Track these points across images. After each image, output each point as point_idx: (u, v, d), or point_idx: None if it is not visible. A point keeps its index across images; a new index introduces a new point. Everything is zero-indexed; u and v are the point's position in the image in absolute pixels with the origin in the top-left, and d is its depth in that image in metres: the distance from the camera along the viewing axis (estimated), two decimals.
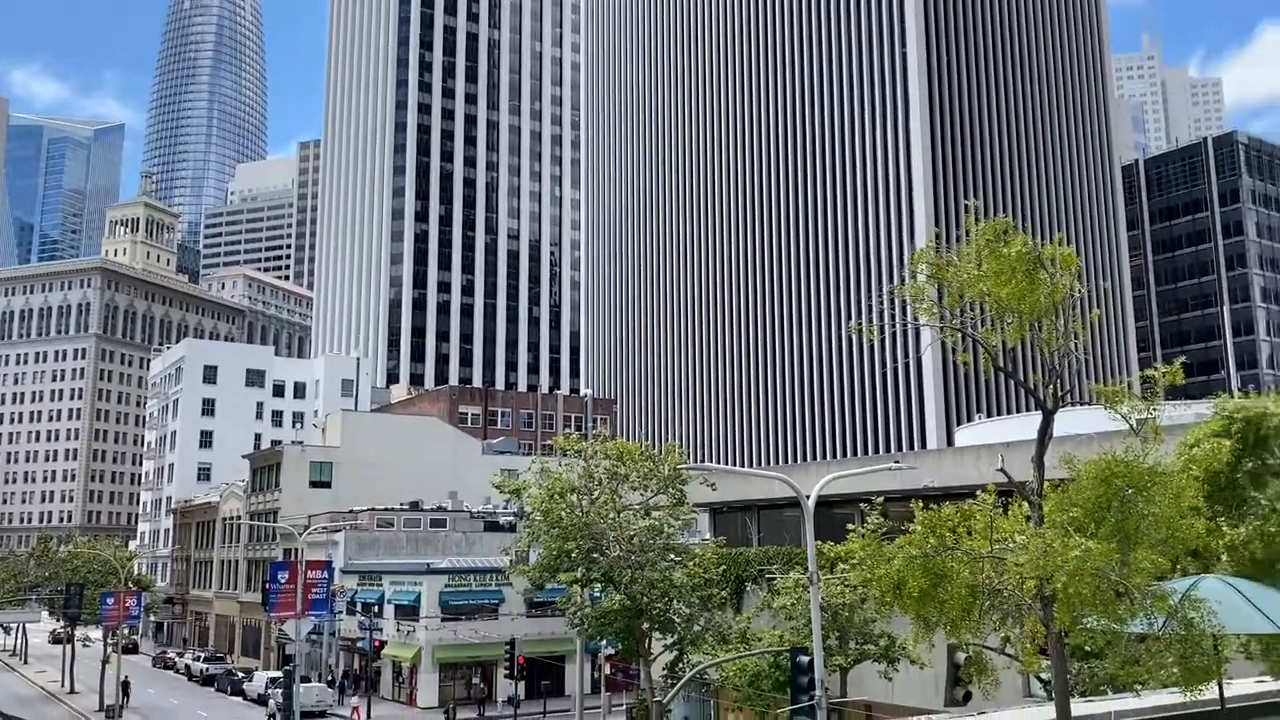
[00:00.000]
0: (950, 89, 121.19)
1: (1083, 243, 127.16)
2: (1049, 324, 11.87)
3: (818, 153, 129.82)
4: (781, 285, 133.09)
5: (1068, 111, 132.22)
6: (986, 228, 12.61)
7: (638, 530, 36.61)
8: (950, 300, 13.34)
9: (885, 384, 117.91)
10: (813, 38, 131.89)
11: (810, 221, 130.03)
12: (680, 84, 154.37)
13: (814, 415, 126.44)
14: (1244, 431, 14.52)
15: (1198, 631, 10.31)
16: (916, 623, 10.73)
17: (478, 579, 66.66)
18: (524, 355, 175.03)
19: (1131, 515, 10.08)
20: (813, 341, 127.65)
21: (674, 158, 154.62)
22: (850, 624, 31.01)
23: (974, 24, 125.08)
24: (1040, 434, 11.47)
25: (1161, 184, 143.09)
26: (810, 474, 39.13)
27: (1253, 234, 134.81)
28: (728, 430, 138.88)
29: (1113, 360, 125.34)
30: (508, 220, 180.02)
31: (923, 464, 39.36)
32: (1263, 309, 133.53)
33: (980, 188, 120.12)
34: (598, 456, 38.24)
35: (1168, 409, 24.54)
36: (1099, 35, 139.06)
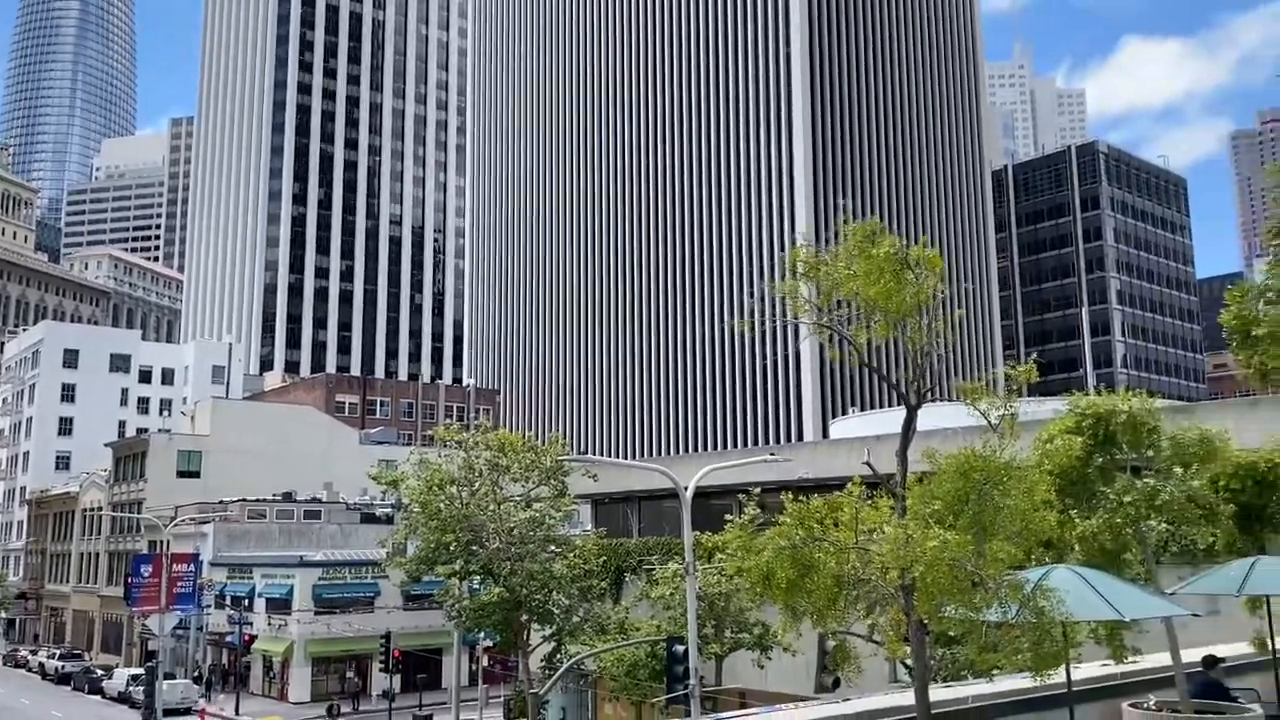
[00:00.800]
0: (832, 93, 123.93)
1: (954, 244, 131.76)
2: (914, 323, 12.27)
3: (702, 149, 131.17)
4: (665, 279, 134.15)
5: (943, 117, 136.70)
6: (857, 229, 12.95)
7: (518, 522, 36.43)
8: (823, 298, 13.66)
9: (765, 378, 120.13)
10: (699, 36, 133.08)
11: (694, 216, 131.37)
12: (568, 75, 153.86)
13: (695, 408, 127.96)
14: (1095, 428, 15.24)
15: (1048, 619, 10.80)
16: (785, 612, 10.99)
17: (353, 572, 65.39)
18: (405, 344, 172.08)
19: (988, 508, 10.52)
20: (695, 335, 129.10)
21: (560, 148, 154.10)
22: (726, 613, 31.55)
23: (856, 30, 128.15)
24: (904, 429, 11.86)
25: (1028, 189, 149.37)
26: (690, 466, 39.62)
27: (1111, 239, 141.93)
28: (611, 422, 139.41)
29: (979, 357, 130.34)
30: (390, 205, 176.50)
31: (798, 456, 40.30)
32: (1119, 311, 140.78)
33: (859, 188, 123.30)
34: (479, 448, 37.87)
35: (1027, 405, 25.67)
36: (973, 44, 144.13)
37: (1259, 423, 26.65)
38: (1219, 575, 14.49)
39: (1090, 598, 11.79)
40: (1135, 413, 14.84)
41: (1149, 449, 15.20)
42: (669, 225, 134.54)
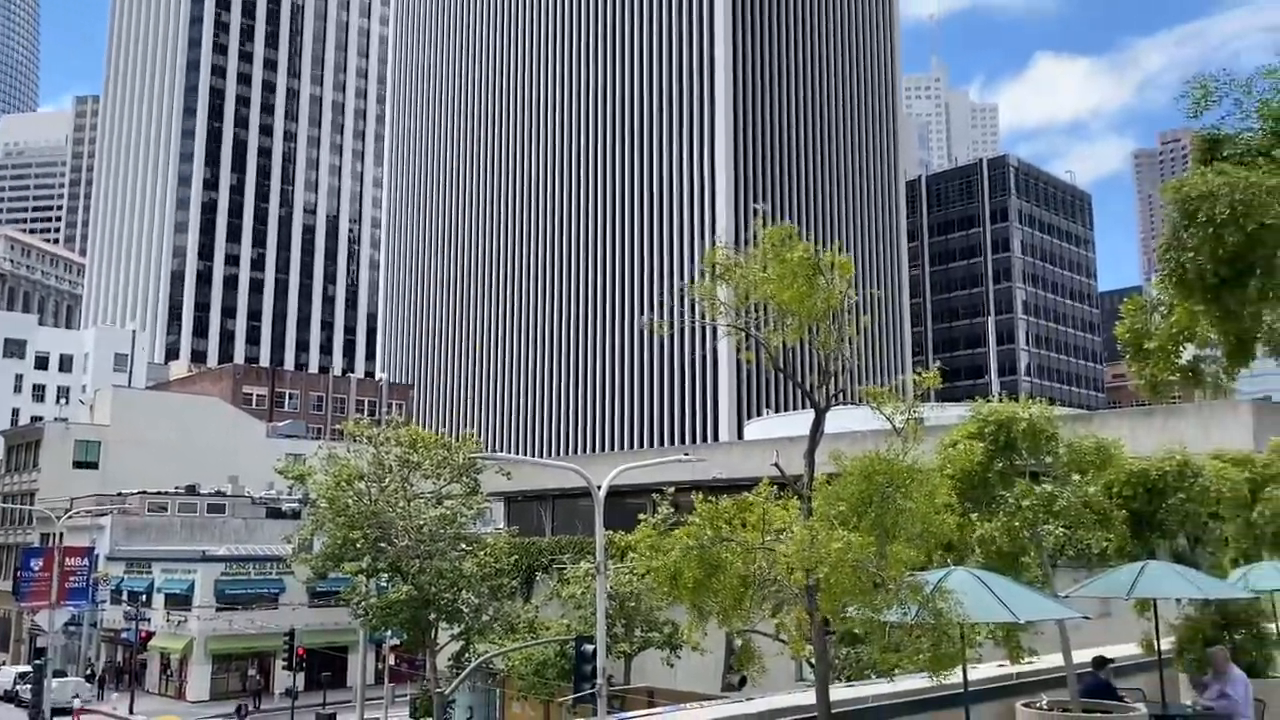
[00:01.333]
0: (754, 97, 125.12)
1: (867, 251, 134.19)
2: (825, 327, 12.43)
3: (624, 148, 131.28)
4: (584, 277, 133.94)
5: (861, 126, 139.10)
6: (772, 232, 13.08)
7: (428, 519, 36.05)
8: (738, 300, 13.77)
9: (682, 378, 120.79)
10: (624, 36, 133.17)
11: (614, 214, 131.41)
12: (490, 68, 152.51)
13: (612, 407, 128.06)
14: (997, 434, 15.61)
15: (946, 620, 11.02)
16: (691, 612, 11.05)
17: (257, 568, 63.91)
18: (316, 335, 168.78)
19: (890, 510, 10.71)
20: (613, 334, 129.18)
21: (480, 141, 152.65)
22: (636, 612, 31.64)
23: (779, 36, 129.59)
24: (812, 431, 12.01)
25: (941, 199, 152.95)
26: (604, 465, 39.63)
27: (1018, 251, 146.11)
28: (526, 420, 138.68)
29: (890, 362, 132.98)
30: (305, 193, 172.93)
31: (713, 456, 40.62)
32: (1023, 320, 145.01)
33: (777, 192, 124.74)
34: (389, 443, 37.39)
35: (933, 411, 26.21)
36: (892, 56, 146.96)
37: (1152, 431, 27.71)
38: (1110, 579, 14.98)
39: (988, 600, 12.07)
40: (1035, 420, 15.27)
41: (1048, 455, 15.64)
42: (589, 223, 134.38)
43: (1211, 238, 8.88)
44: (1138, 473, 16.78)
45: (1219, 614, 17.20)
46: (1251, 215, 8.76)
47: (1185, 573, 14.83)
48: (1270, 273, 8.89)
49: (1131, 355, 10.79)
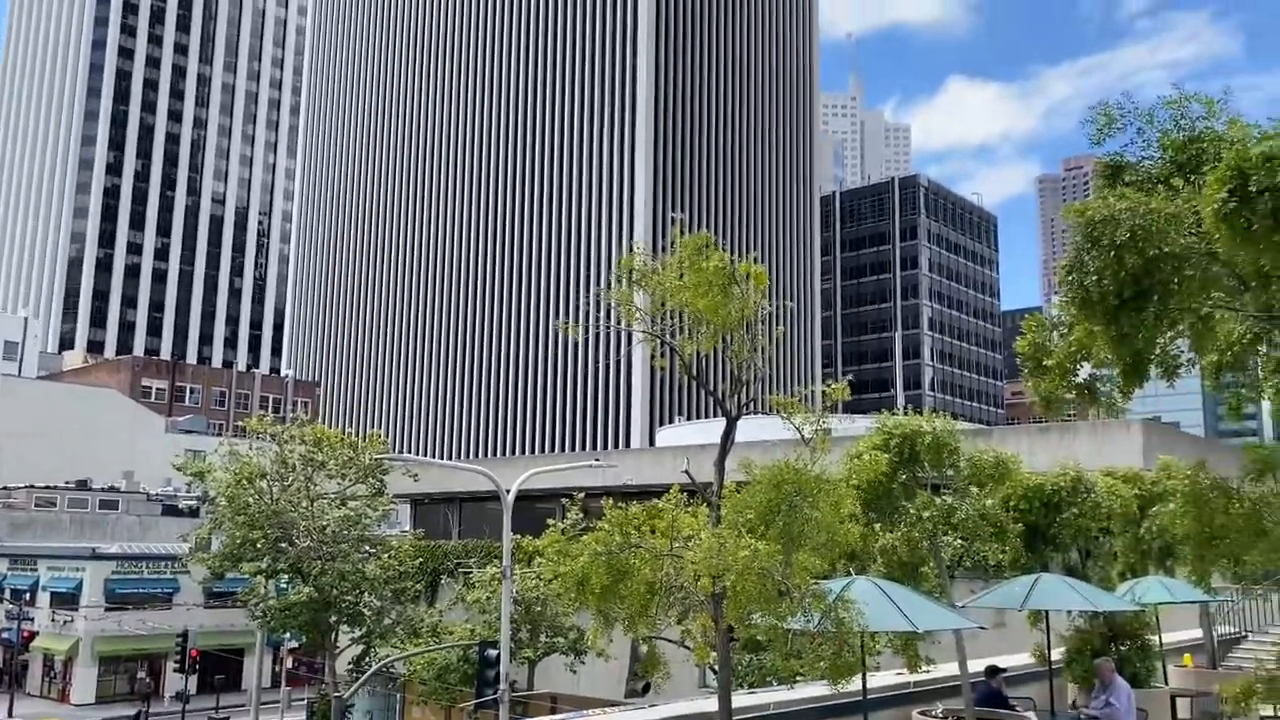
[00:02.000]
0: (675, 107, 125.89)
1: (782, 263, 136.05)
2: (738, 337, 12.52)
3: (543, 150, 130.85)
4: (499, 278, 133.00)
5: (778, 141, 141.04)
6: (689, 240, 13.11)
7: (331, 520, 35.34)
8: (653, 307, 13.77)
9: (595, 383, 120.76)
10: (548, 39, 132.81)
11: (532, 217, 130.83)
12: (410, 64, 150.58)
13: (525, 410, 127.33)
14: (901, 446, 15.91)
15: (847, 629, 11.16)
16: (597, 618, 11.01)
17: (151, 566, 61.87)
18: (221, 329, 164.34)
19: (797, 519, 10.82)
20: (527, 337, 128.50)
21: (396, 138, 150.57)
22: (542, 617, 31.46)
23: (701, 48, 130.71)
24: (723, 440, 12.09)
25: (854, 216, 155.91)
26: (514, 468, 39.36)
27: (926, 269, 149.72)
28: (436, 421, 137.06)
29: (800, 373, 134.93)
30: (214, 183, 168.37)
31: (624, 462, 40.64)
32: (929, 336, 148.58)
33: (696, 201, 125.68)
34: (293, 441, 36.57)
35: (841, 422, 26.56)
36: (810, 74, 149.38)
37: (1049, 448, 28.61)
38: (1005, 590, 15.39)
39: (888, 609, 12.30)
40: (938, 434, 15.61)
41: (949, 469, 16.01)
42: (505, 224, 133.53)
43: (1112, 261, 9.17)
44: (1034, 487, 17.30)
45: (1107, 626, 17.83)
46: (1151, 241, 9.07)
47: (1076, 585, 15.31)
48: (1166, 298, 9.21)
49: (1030, 371, 11.09)
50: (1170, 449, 26.97)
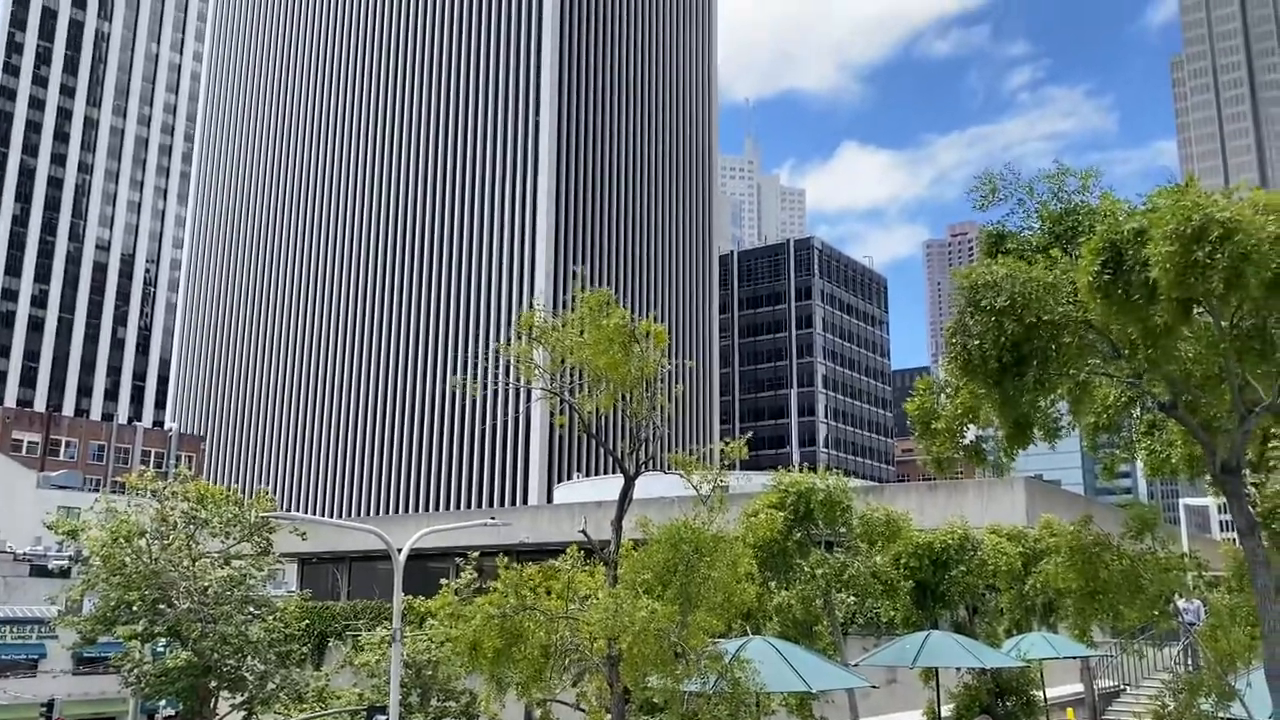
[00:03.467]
0: (577, 164, 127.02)
1: (682, 320, 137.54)
2: (638, 395, 12.55)
3: (444, 204, 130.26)
4: (395, 332, 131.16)
5: (678, 201, 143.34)
6: (590, 297, 13.14)
7: (214, 580, 33.91)
8: (553, 364, 13.73)
9: (493, 439, 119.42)
10: (451, 92, 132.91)
11: (432, 271, 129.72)
12: (308, 115, 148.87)
13: (419, 467, 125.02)
14: (796, 504, 16.11)
15: (743, 690, 11.14)
16: (490, 683, 10.76)
17: (15, 630, 58.27)
18: (102, 380, 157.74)
19: (694, 579, 10.82)
20: (422, 392, 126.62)
21: (293, 190, 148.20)
22: (434, 681, 30.62)
23: (604, 107, 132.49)
24: (620, 499, 12.06)
25: (751, 275, 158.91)
26: (407, 526, 38.53)
27: (819, 328, 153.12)
28: (328, 477, 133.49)
29: (699, 430, 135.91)
30: (98, 229, 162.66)
31: (521, 520, 40.14)
32: (823, 394, 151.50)
33: (598, 259, 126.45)
34: (175, 498, 35.10)
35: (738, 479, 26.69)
36: (710, 136, 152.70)
37: (937, 506, 29.29)
38: (897, 648, 15.60)
39: (783, 669, 12.34)
40: (831, 491, 15.87)
41: (842, 526, 16.26)
42: (404, 277, 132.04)
43: (994, 325, 9.53)
44: (923, 545, 17.67)
45: (994, 681, 18.19)
46: (1030, 308, 9.46)
47: (964, 642, 15.62)
48: (1045, 363, 9.60)
49: (920, 433, 11.40)
50: (1051, 507, 27.88)
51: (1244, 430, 10.42)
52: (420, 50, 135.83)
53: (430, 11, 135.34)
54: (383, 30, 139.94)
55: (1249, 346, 9.33)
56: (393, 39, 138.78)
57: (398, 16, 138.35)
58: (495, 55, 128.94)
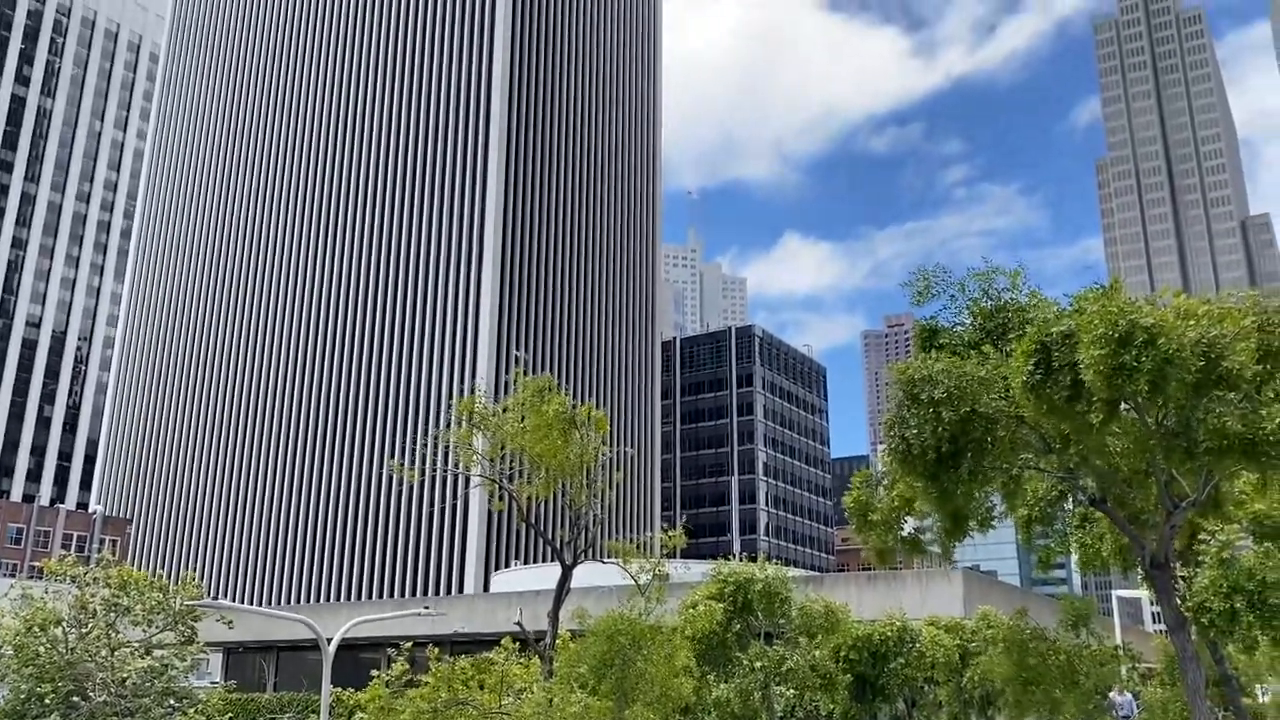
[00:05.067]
0: (522, 247, 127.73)
1: (624, 406, 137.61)
2: (577, 482, 12.49)
3: (387, 287, 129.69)
4: (331, 414, 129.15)
5: (623, 288, 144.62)
6: (530, 383, 13.12)
7: (133, 671, 32.50)
8: (492, 450, 13.62)
9: (430, 525, 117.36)
10: (394, 175, 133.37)
11: (370, 354, 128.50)
12: (248, 196, 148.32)
13: (352, 553, 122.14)
14: (735, 595, 16.00)
15: None
16: None
17: None
18: (25, 459, 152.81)
19: (631, 673, 10.65)
20: (358, 476, 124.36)
21: (232, 269, 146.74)
22: None
23: (549, 191, 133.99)
24: (557, 590, 11.89)
25: (693, 362, 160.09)
26: (338, 615, 37.51)
27: (760, 415, 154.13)
28: (258, 564, 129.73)
29: (640, 516, 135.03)
30: (30, 305, 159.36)
31: (455, 609, 39.28)
32: (764, 481, 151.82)
33: (540, 342, 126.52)
34: (97, 584, 33.78)
35: (678, 568, 26.51)
36: (654, 224, 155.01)
37: (876, 596, 29.28)
38: None
39: None
40: (770, 582, 15.80)
41: (781, 617, 16.16)
42: (342, 360, 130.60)
43: (931, 417, 9.71)
44: (862, 637, 17.61)
45: None
46: (965, 400, 9.67)
47: None
48: (980, 455, 9.78)
49: (857, 525, 11.48)
50: (989, 598, 28.05)
51: (1171, 525, 10.63)
52: (364, 133, 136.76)
53: (377, 98, 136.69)
54: (324, 118, 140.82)
55: (1174, 444, 9.61)
56: (335, 126, 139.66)
57: (341, 107, 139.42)
58: (442, 139, 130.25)
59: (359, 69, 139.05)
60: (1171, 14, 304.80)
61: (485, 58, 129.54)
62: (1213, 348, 10.09)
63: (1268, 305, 12.37)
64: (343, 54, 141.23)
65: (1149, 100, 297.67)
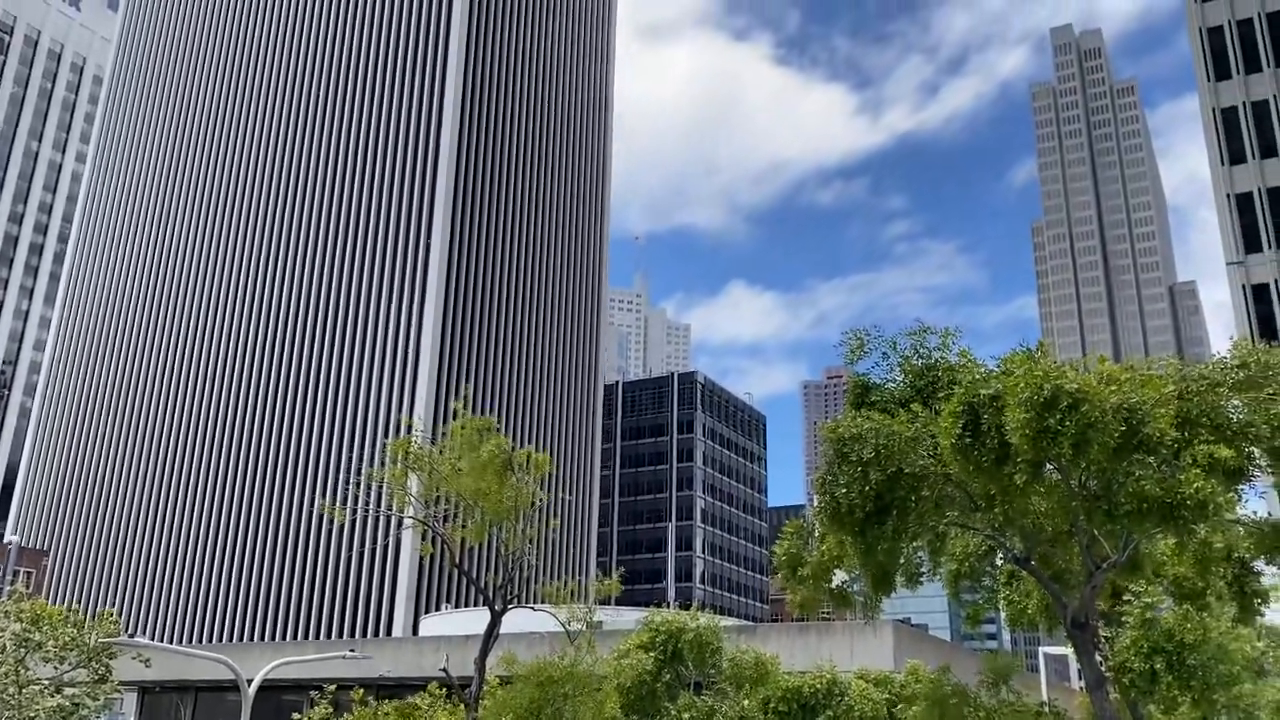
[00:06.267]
0: (466, 287, 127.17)
1: (564, 448, 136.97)
2: (510, 526, 12.42)
3: (326, 322, 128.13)
4: (260, 450, 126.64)
5: (567, 331, 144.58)
6: (469, 422, 13.06)
7: (42, 710, 31.36)
8: (426, 491, 13.51)
9: (360, 565, 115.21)
10: (339, 211, 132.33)
11: (306, 389, 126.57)
12: (186, 225, 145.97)
13: (279, 593, 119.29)
14: (666, 644, 15.94)
15: None
16: None
17: None
18: None
19: None
20: (287, 513, 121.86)
21: (167, 297, 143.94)
22: None
23: (496, 231, 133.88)
24: (486, 635, 11.77)
25: (635, 407, 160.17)
26: (261, 656, 36.59)
27: (700, 461, 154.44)
28: (180, 600, 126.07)
29: (575, 561, 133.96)
30: None
31: (382, 653, 38.52)
32: (700, 529, 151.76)
33: (482, 382, 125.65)
34: (8, 618, 32.66)
35: (612, 615, 26.38)
36: (600, 268, 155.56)
37: (806, 648, 29.34)
38: None
39: None
40: (702, 632, 15.78)
41: (712, 668, 16.12)
42: (275, 393, 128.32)
43: (860, 476, 9.87)
44: (791, 689, 17.61)
45: None
46: (893, 459, 9.84)
47: None
48: (906, 513, 9.95)
49: (786, 577, 11.57)
50: (918, 651, 28.25)
51: (1092, 585, 10.87)
52: (308, 167, 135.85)
53: (323, 132, 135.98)
54: (267, 150, 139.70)
55: (1096, 506, 9.87)
56: (278, 158, 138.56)
57: (284, 139, 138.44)
58: (388, 175, 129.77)
59: (305, 104, 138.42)
60: (1106, 84, 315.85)
61: (436, 95, 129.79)
62: (1134, 413, 10.44)
63: (1188, 373, 12.81)
64: (289, 88, 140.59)
65: (1084, 166, 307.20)
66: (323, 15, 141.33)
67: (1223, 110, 57.22)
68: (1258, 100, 56.72)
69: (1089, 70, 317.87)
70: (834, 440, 10.15)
